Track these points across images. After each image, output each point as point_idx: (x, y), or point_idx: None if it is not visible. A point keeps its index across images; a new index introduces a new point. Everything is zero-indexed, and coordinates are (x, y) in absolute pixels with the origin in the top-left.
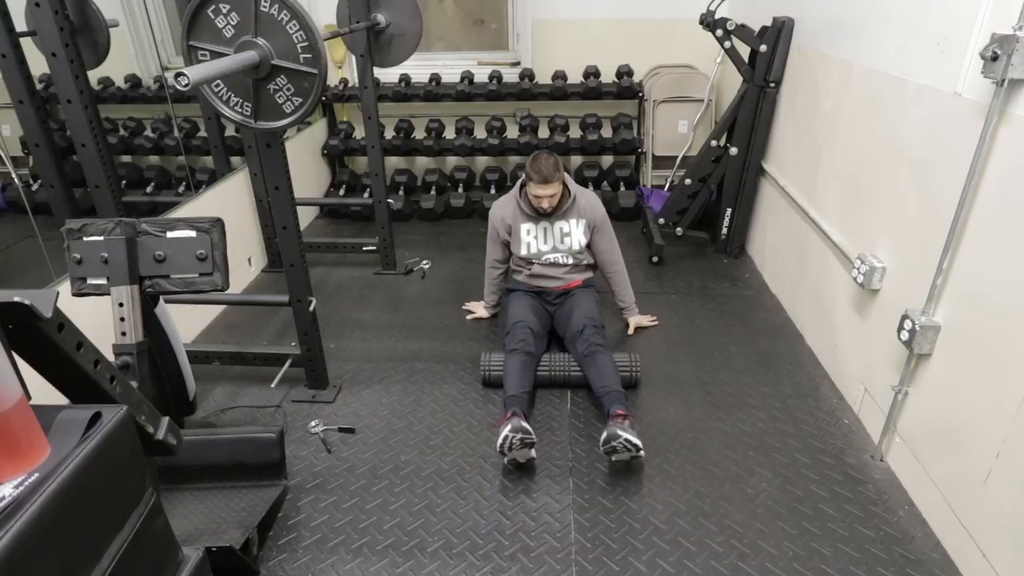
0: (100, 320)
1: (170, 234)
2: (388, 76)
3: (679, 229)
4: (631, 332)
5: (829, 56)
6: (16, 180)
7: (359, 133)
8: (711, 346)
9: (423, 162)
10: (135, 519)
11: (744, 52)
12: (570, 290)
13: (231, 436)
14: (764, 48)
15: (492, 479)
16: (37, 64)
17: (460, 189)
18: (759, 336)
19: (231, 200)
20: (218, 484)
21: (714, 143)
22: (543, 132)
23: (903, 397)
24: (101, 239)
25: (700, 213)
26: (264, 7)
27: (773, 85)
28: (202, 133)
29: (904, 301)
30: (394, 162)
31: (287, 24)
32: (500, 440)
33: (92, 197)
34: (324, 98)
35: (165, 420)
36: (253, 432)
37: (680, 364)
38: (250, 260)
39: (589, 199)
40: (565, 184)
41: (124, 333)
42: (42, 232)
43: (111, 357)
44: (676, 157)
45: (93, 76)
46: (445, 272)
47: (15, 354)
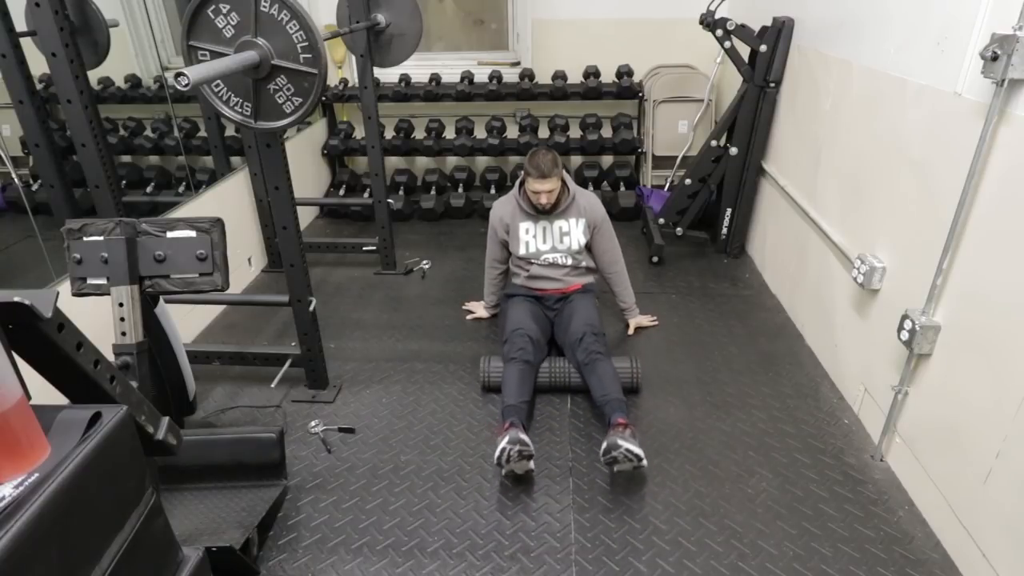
0: (100, 320)
1: (170, 234)
2: (388, 76)
3: (679, 229)
4: (631, 332)
5: (829, 56)
6: (16, 180)
7: (359, 133)
8: (711, 346)
9: (423, 162)
10: (135, 519)
11: (744, 52)
12: (569, 295)
13: (231, 436)
14: (764, 48)
15: (492, 479)
16: (37, 64)
17: (460, 189)
18: (759, 336)
19: (231, 200)
20: (218, 484)
21: (714, 143)
22: (543, 132)
23: (903, 397)
24: (101, 239)
25: (700, 213)
26: (264, 7)
27: (773, 85)
28: (202, 133)
29: (904, 301)
30: (394, 162)
31: (287, 24)
32: (497, 452)
33: (92, 197)
34: (324, 98)
35: (165, 420)
36: (253, 432)
37: (680, 364)
38: (250, 260)
39: (589, 199)
40: (564, 182)
41: (124, 333)
42: (42, 232)
43: (111, 357)
44: (676, 157)
45: (93, 76)
46: (445, 272)
47: (15, 354)
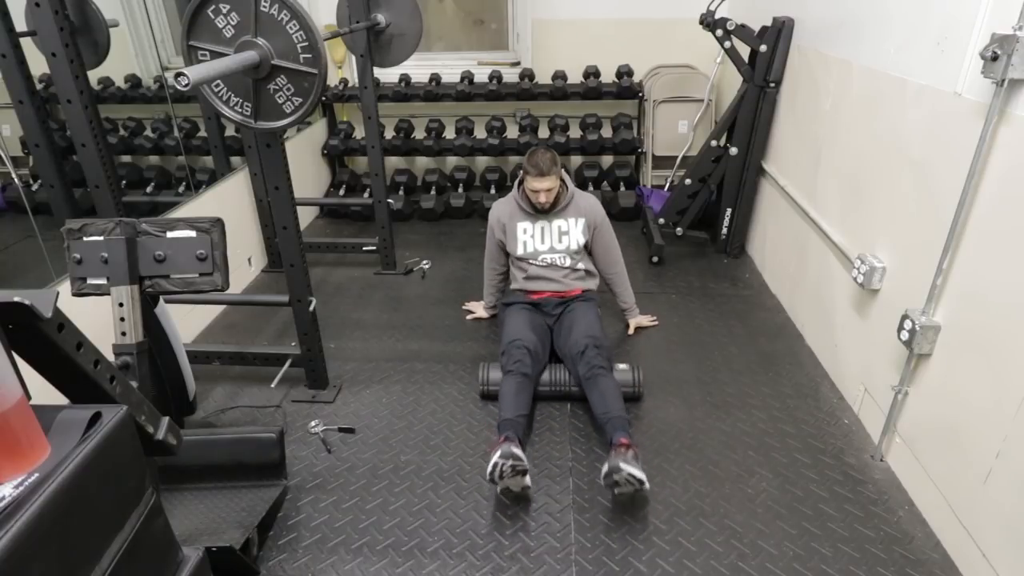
0: (100, 320)
1: (170, 234)
2: (388, 76)
3: (679, 229)
4: (631, 332)
5: (829, 56)
6: (16, 180)
7: (359, 133)
8: (711, 346)
9: (423, 162)
10: (135, 519)
11: (744, 52)
12: (569, 301)
13: (231, 436)
14: (764, 48)
15: None
16: (37, 64)
17: (460, 189)
18: (759, 336)
19: (231, 200)
20: (218, 484)
21: (714, 143)
22: (543, 132)
23: (903, 397)
24: (101, 239)
25: (700, 213)
26: (264, 7)
27: (773, 85)
28: (202, 133)
29: (904, 301)
30: (394, 162)
31: (287, 24)
32: (489, 467)
33: (92, 197)
34: (324, 98)
35: (165, 420)
36: (253, 432)
37: (680, 364)
38: (250, 260)
39: (588, 200)
40: (563, 181)
41: (124, 333)
42: (42, 232)
43: (111, 357)
44: (676, 157)
45: (93, 76)
46: (445, 272)
47: (15, 354)
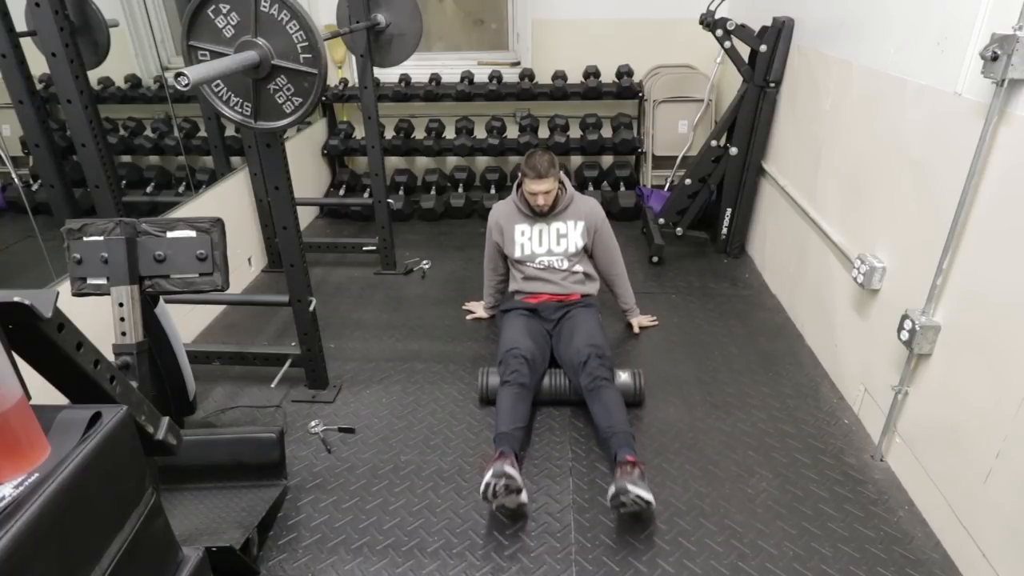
0: (100, 320)
1: (170, 234)
2: (388, 76)
3: (679, 229)
4: (636, 331)
5: (829, 56)
6: (16, 180)
7: (359, 133)
8: (711, 346)
9: (423, 162)
10: (135, 519)
11: (744, 52)
12: (569, 307)
13: (231, 436)
14: (764, 48)
15: None
16: (37, 64)
17: (460, 189)
18: (759, 336)
19: (231, 200)
20: (218, 484)
21: (714, 143)
22: (543, 132)
23: (903, 397)
24: (101, 239)
25: (700, 213)
26: (264, 7)
27: (773, 85)
28: (202, 133)
29: (904, 301)
30: (394, 162)
31: (287, 24)
32: (482, 487)
33: (92, 197)
34: (324, 98)
35: (165, 420)
36: (253, 432)
37: (680, 364)
38: (250, 260)
39: (588, 202)
40: (562, 183)
41: (124, 333)
42: (42, 232)
43: (111, 357)
44: (676, 157)
45: (93, 76)
46: (445, 272)
47: (15, 354)
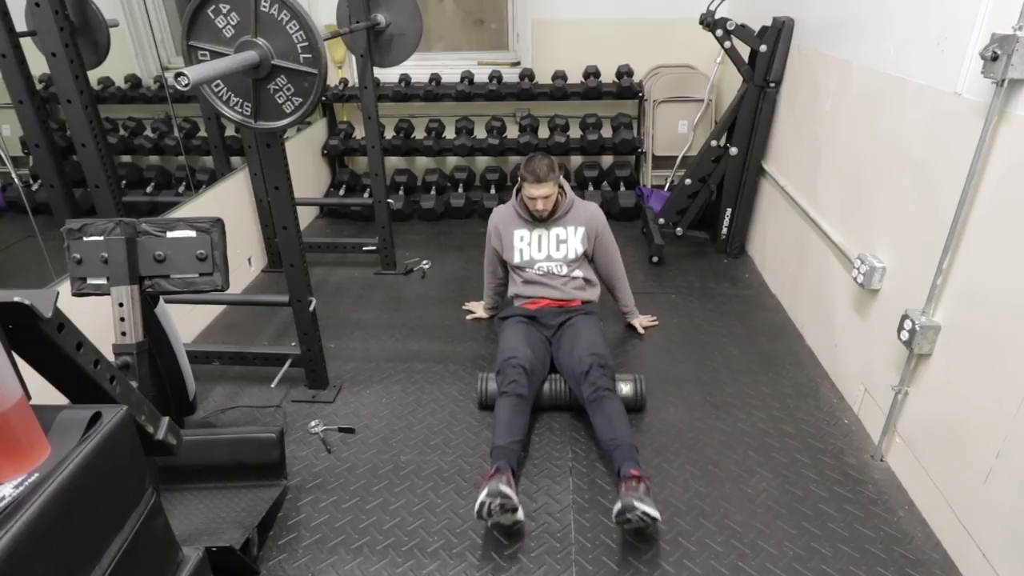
0: (100, 320)
1: (170, 234)
2: (388, 76)
3: (679, 229)
4: (641, 332)
5: (829, 56)
6: (16, 180)
7: (359, 133)
8: (711, 346)
9: (423, 162)
10: (135, 519)
11: (744, 52)
12: (569, 313)
13: (231, 436)
14: (764, 48)
15: None
16: (37, 64)
17: (460, 189)
18: (759, 336)
19: (231, 200)
20: (218, 484)
21: (714, 143)
22: (543, 132)
23: (903, 397)
24: (101, 239)
25: (700, 213)
26: (264, 7)
27: (773, 85)
28: (202, 133)
29: (904, 301)
30: (394, 162)
31: (287, 24)
32: (476, 506)
33: (92, 197)
34: (324, 98)
35: (165, 420)
36: (253, 432)
37: (680, 364)
38: (250, 260)
39: (589, 208)
40: (562, 188)
41: (124, 333)
42: (42, 232)
43: (111, 357)
44: (676, 157)
45: (93, 76)
46: (445, 272)
47: (15, 354)
